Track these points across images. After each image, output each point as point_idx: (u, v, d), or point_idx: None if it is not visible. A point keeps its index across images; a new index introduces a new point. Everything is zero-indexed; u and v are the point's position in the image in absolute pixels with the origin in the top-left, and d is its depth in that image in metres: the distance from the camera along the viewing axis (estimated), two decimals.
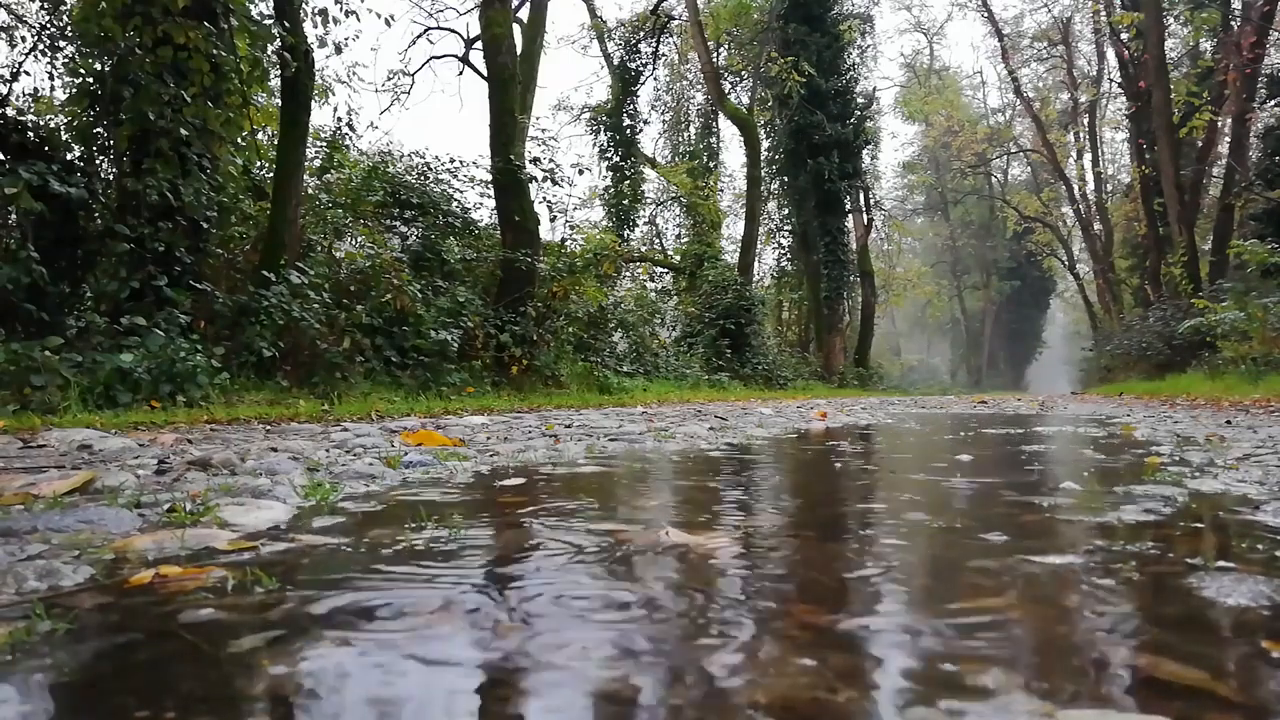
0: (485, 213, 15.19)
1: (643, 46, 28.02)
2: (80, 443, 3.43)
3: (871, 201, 32.50)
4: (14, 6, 9.40)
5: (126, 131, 7.59)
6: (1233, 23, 22.05)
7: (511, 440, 4.12)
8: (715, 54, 26.99)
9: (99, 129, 7.99)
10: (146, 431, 4.49)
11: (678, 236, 29.98)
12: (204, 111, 8.06)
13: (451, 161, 14.73)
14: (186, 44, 7.54)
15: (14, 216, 6.98)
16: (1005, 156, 45.28)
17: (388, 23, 11.45)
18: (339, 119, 15.28)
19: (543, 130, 20.17)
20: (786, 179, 28.30)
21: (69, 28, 8.56)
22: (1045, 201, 41.53)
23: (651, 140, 33.36)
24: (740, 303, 21.83)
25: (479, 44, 16.96)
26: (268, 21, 9.08)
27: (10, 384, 5.56)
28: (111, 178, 8.07)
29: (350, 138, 13.88)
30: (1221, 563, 1.34)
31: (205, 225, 8.17)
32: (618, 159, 27.14)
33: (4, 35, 9.07)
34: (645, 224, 29.95)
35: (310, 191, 11.65)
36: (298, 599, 1.13)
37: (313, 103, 10.17)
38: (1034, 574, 1.30)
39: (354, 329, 9.24)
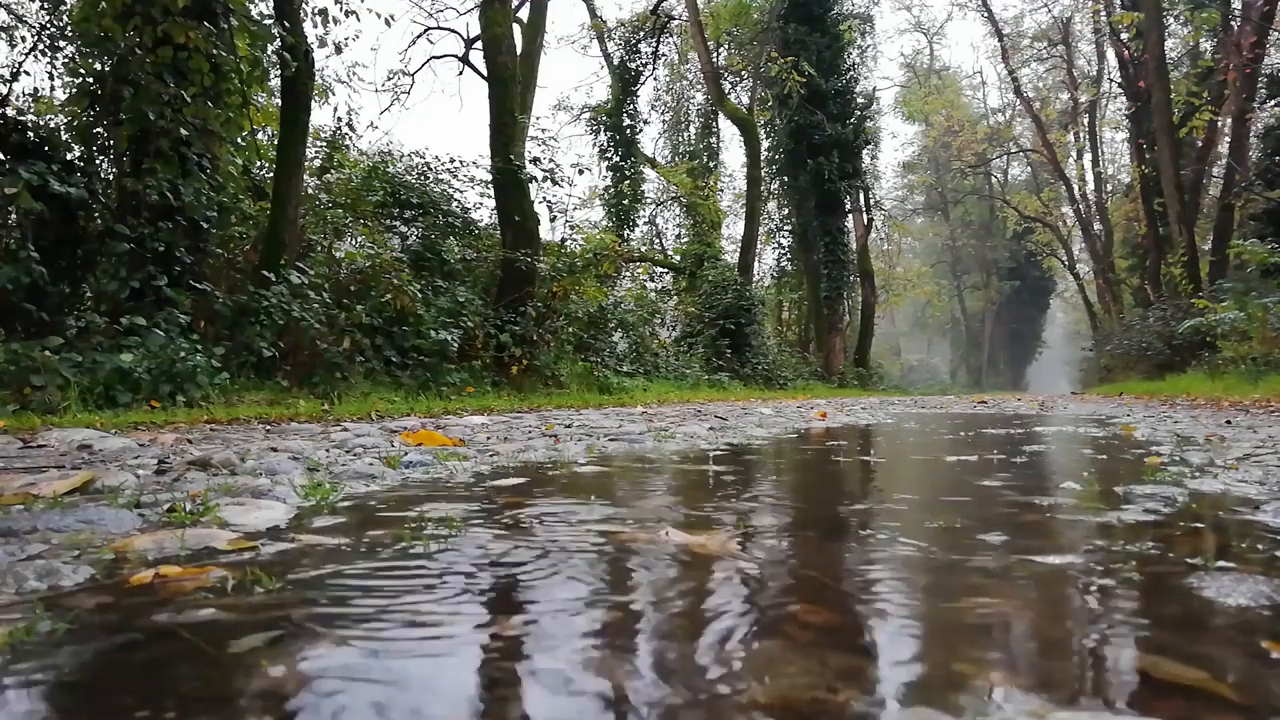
0: (485, 213, 15.22)
1: (643, 46, 28.02)
2: (80, 443, 3.42)
3: (871, 201, 32.52)
4: (14, 6, 9.41)
5: (126, 131, 7.59)
6: (1233, 23, 22.05)
7: (511, 440, 4.12)
8: (715, 54, 27.00)
9: (99, 129, 7.99)
10: (146, 431, 4.49)
11: (678, 236, 30.02)
12: (204, 111, 8.07)
13: (451, 161, 14.76)
14: (186, 44, 7.54)
15: (14, 216, 6.98)
16: (1005, 156, 45.29)
17: (388, 23, 11.47)
18: (339, 119, 15.31)
19: (543, 130, 20.21)
20: (786, 179, 28.32)
21: (69, 28, 8.56)
22: (1045, 201, 41.54)
23: (651, 140, 33.44)
24: (740, 303, 21.83)
25: (479, 44, 16.97)
26: (268, 21, 9.08)
27: (10, 384, 5.57)
28: (111, 178, 8.08)
29: (350, 138, 13.90)
30: (1221, 563, 1.34)
31: (205, 225, 8.17)
32: (618, 159, 27.13)
33: (4, 35, 9.08)
34: (645, 224, 30.00)
35: (310, 191, 11.66)
36: (298, 599, 1.13)
37: (313, 103, 10.17)
38: (1033, 574, 1.30)
39: (354, 329, 9.24)
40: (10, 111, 7.79)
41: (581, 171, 18.28)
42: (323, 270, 9.98)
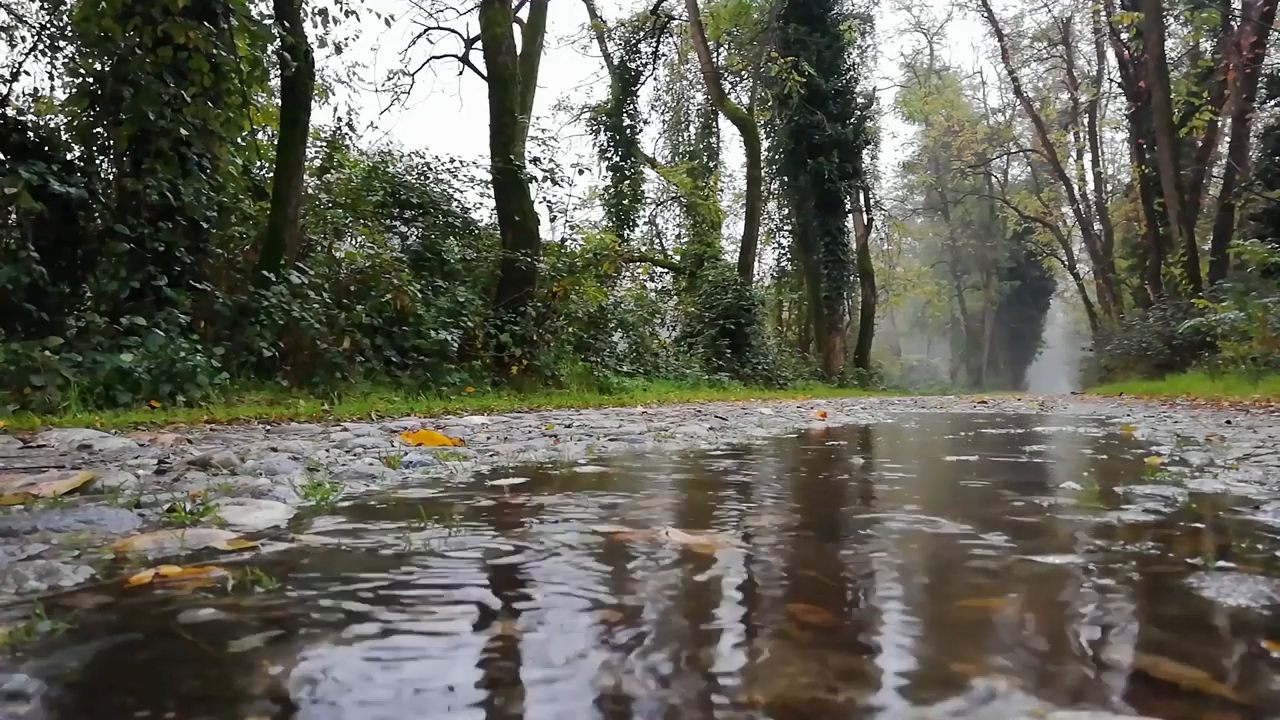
0: (485, 213, 15.23)
1: (643, 46, 28.02)
2: (80, 443, 3.42)
3: (871, 201, 32.52)
4: (14, 6, 9.41)
5: (126, 131, 7.59)
6: (1233, 23, 22.05)
7: (511, 440, 4.12)
8: (715, 54, 27.00)
9: (99, 129, 7.99)
10: (146, 431, 4.49)
11: (678, 236, 30.02)
12: (204, 111, 8.07)
13: (451, 161, 14.76)
14: (186, 44, 7.54)
15: (14, 216, 6.98)
16: (1005, 156, 45.30)
17: (388, 23, 11.47)
18: (339, 119, 15.30)
19: (543, 130, 20.21)
20: (786, 179, 28.31)
21: (69, 28, 8.56)
22: (1045, 201, 41.54)
23: (651, 140, 33.44)
24: (740, 303, 21.83)
25: (479, 44, 16.97)
26: (268, 21, 9.09)
27: (10, 384, 5.57)
28: (111, 178, 8.08)
29: (350, 138, 13.90)
30: (1221, 563, 1.34)
31: (205, 225, 8.17)
32: (618, 159, 27.13)
33: (4, 35, 9.08)
34: (645, 224, 30.00)
35: (310, 191, 11.66)
36: (298, 599, 1.13)
37: (313, 103, 10.18)
38: (1033, 574, 1.30)
39: (354, 329, 9.24)
40: (10, 111, 7.79)
41: (581, 171, 18.30)
42: (323, 270, 9.98)
